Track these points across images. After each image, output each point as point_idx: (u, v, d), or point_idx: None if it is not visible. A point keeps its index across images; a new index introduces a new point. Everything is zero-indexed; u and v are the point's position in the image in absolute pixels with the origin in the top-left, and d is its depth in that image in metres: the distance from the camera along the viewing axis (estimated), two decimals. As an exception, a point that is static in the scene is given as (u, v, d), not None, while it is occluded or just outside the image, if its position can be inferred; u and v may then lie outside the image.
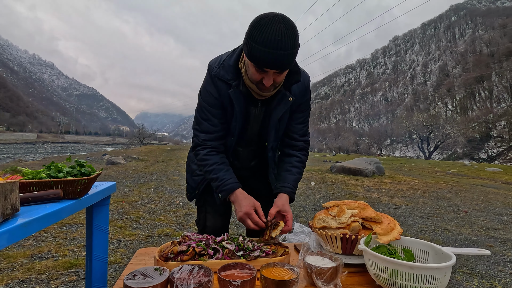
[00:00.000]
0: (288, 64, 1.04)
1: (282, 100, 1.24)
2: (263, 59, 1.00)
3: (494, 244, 3.68)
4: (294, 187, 1.33)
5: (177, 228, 3.68)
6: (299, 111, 1.36)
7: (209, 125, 1.27)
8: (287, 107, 1.26)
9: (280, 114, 1.26)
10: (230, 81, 1.20)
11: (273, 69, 1.03)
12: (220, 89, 1.23)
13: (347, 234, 1.08)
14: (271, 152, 1.38)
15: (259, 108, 1.28)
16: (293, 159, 1.38)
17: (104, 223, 1.31)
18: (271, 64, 1.01)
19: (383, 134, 66.61)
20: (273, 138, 1.33)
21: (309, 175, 9.78)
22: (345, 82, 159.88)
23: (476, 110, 71.06)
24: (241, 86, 1.20)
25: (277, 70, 1.05)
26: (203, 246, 1.05)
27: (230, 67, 1.20)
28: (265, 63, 1.01)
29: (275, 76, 1.08)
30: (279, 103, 1.24)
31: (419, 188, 8.22)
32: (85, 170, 1.06)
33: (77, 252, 2.72)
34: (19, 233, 0.67)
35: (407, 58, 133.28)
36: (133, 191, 5.87)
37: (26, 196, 0.85)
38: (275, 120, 1.27)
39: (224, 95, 1.23)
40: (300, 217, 4.55)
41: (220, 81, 1.22)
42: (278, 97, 1.23)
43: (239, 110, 1.23)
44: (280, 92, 1.22)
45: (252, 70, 1.09)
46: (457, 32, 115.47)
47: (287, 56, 1.00)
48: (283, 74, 1.10)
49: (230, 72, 1.20)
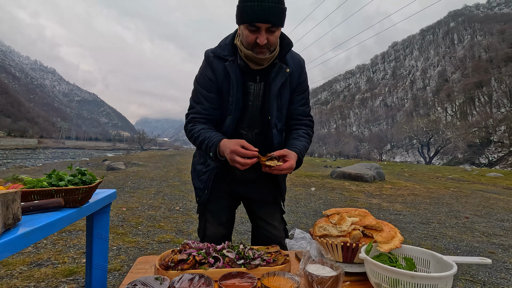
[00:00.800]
0: (276, 17, 1.11)
1: (279, 71, 1.28)
2: (253, 12, 1.08)
3: (496, 250, 3.66)
4: (302, 151, 1.30)
5: (177, 234, 3.66)
6: (299, 91, 1.39)
7: (200, 109, 1.32)
8: (285, 77, 1.29)
9: (278, 84, 1.28)
10: (226, 57, 1.26)
11: (264, 21, 1.10)
12: (216, 69, 1.28)
13: (348, 242, 1.07)
14: (275, 129, 1.34)
15: (258, 84, 1.30)
16: (300, 131, 1.40)
17: (104, 231, 1.31)
18: (261, 15, 1.08)
19: (383, 139, 66.61)
20: (276, 113, 1.32)
21: (309, 181, 9.76)
22: (345, 88, 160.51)
23: (476, 115, 71.16)
24: (238, 60, 1.26)
25: (268, 24, 1.11)
26: (204, 254, 1.05)
27: (227, 46, 1.28)
28: (256, 15, 1.09)
29: (267, 35, 1.13)
30: (277, 75, 1.28)
31: (420, 194, 8.19)
32: (86, 178, 1.07)
33: (76, 259, 2.71)
34: (21, 243, 0.68)
35: (406, 63, 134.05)
36: (133, 197, 5.86)
37: (27, 205, 0.85)
38: (274, 91, 1.28)
39: (220, 73, 1.27)
40: (301, 223, 4.53)
41: (216, 59, 1.28)
42: (275, 70, 1.28)
43: (236, 81, 1.25)
44: (276, 64, 1.28)
45: (246, 33, 1.15)
46: (455, 38, 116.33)
47: (274, 9, 1.09)
48: (275, 34, 1.16)
49: (227, 50, 1.28)
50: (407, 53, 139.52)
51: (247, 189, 1.46)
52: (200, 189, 1.43)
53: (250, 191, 1.46)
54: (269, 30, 1.13)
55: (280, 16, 1.12)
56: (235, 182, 1.45)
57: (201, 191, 1.42)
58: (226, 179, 1.44)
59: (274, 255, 1.13)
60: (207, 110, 1.31)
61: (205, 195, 1.41)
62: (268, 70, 1.27)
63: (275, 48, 1.22)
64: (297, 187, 8.45)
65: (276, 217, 1.48)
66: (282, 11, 1.12)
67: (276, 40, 1.19)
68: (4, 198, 0.65)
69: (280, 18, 1.13)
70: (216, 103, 1.31)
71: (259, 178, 1.45)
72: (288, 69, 1.29)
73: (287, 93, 1.34)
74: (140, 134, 42.11)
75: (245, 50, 1.20)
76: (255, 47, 1.16)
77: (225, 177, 1.43)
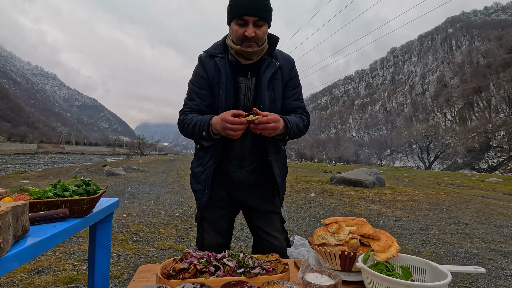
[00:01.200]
0: (262, 12, 1.22)
1: (269, 65, 1.36)
2: (242, 6, 1.20)
3: (495, 257, 3.66)
4: (291, 122, 1.32)
5: (177, 241, 3.67)
6: (291, 86, 1.47)
7: (193, 105, 1.39)
8: (275, 69, 1.36)
9: (269, 75, 1.34)
10: (217, 54, 1.36)
11: (251, 14, 1.21)
12: (207, 65, 1.37)
13: (345, 251, 1.10)
14: None
15: (249, 79, 1.36)
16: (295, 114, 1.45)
17: (107, 240, 1.33)
18: (248, 9, 1.20)
19: (383, 144, 66.64)
20: (268, 103, 1.36)
21: (309, 186, 9.77)
22: (345, 93, 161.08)
23: (475, 120, 71.33)
24: (229, 56, 1.34)
25: (255, 18, 1.22)
26: (205, 263, 1.07)
27: (218, 45, 1.40)
28: (244, 9, 1.20)
29: (255, 29, 1.23)
30: (267, 68, 1.35)
31: (420, 200, 8.20)
32: (90, 188, 1.09)
33: (77, 267, 2.71)
34: (29, 254, 0.70)
35: (405, 69, 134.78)
36: (133, 203, 5.86)
37: (34, 216, 0.87)
38: (265, 82, 1.34)
39: (211, 69, 1.36)
40: (301, 229, 4.53)
41: (207, 58, 1.38)
42: (265, 64, 1.36)
43: (225, 74, 1.32)
44: (266, 59, 1.36)
45: (235, 28, 1.25)
46: (453, 43, 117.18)
47: (260, 4, 1.21)
48: (262, 29, 1.26)
49: (218, 49, 1.38)
50: (405, 58, 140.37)
51: (247, 195, 1.46)
52: (199, 191, 1.42)
53: (250, 196, 1.46)
54: (256, 24, 1.24)
55: (265, 10, 1.23)
56: (233, 186, 1.44)
57: (201, 193, 1.42)
58: (225, 184, 1.44)
59: (273, 264, 1.15)
60: (199, 106, 1.38)
61: (205, 196, 1.40)
62: (259, 65, 1.36)
63: (263, 43, 1.31)
64: (297, 192, 8.46)
65: (277, 227, 1.48)
66: (267, 8, 1.24)
67: (264, 36, 1.29)
68: (15, 211, 0.68)
69: (266, 12, 1.24)
70: (207, 100, 1.38)
71: (258, 183, 1.46)
72: (277, 62, 1.37)
73: (279, 87, 1.41)
74: (140, 139, 42.12)
75: (235, 46, 1.29)
76: (244, 41, 1.26)
77: (224, 181, 1.44)
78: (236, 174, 1.41)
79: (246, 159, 1.40)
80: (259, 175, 1.45)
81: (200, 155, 1.44)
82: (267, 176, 1.45)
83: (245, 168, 1.41)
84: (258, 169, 1.44)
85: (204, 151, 1.41)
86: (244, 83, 1.35)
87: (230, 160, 1.40)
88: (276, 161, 1.42)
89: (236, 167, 1.40)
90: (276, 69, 1.37)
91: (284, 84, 1.43)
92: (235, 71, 1.35)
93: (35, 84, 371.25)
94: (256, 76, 1.36)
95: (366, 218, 5.67)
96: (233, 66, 1.34)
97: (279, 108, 1.42)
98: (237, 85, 1.35)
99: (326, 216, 5.65)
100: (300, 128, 1.39)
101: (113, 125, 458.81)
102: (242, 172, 1.41)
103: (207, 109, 1.38)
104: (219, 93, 1.33)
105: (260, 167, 1.44)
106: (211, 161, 1.37)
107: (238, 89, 1.35)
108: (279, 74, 1.39)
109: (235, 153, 1.39)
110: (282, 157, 1.48)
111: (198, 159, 1.46)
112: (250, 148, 1.39)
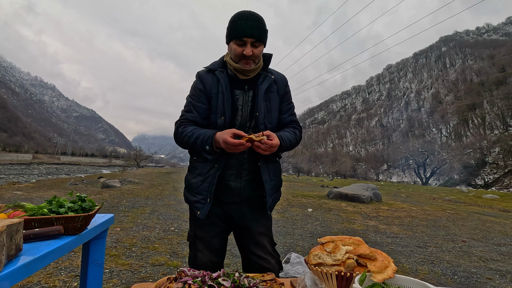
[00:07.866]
0: (259, 34, 1.33)
1: (265, 78, 1.47)
2: (242, 29, 1.30)
3: (493, 276, 3.62)
4: (284, 138, 1.42)
5: (171, 257, 3.60)
6: (286, 102, 1.58)
7: (190, 116, 1.45)
8: (270, 81, 1.47)
9: (265, 86, 1.44)
10: (217, 68, 1.45)
11: (249, 36, 1.31)
12: (205, 79, 1.45)
13: (342, 271, 1.09)
14: (263, 125, 1.44)
15: (246, 92, 1.44)
16: (287, 129, 1.55)
17: (100, 257, 1.31)
18: (246, 30, 1.30)
19: (380, 159, 66.86)
20: (264, 111, 1.44)
21: (306, 201, 9.70)
22: (341, 108, 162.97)
23: (470, 137, 72.12)
24: (228, 71, 1.43)
25: (252, 38, 1.32)
26: (199, 283, 1.05)
27: (217, 62, 1.49)
28: (242, 30, 1.30)
29: (252, 48, 1.34)
30: (263, 80, 1.46)
31: (417, 216, 8.16)
32: (86, 205, 1.09)
33: (67, 283, 2.64)
34: (22, 274, 0.69)
35: (400, 85, 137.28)
36: (127, 216, 5.77)
37: (28, 233, 0.86)
38: (262, 92, 1.43)
39: (209, 82, 1.44)
40: (297, 246, 4.47)
41: (206, 72, 1.47)
42: (261, 77, 1.46)
43: (224, 84, 1.40)
44: (262, 74, 1.47)
45: (234, 47, 1.35)
46: (447, 61, 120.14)
47: (257, 27, 1.32)
48: (259, 49, 1.36)
49: (217, 64, 1.47)
50: (401, 75, 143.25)
51: (240, 212, 1.46)
52: (199, 201, 1.40)
53: (243, 214, 1.46)
54: (253, 44, 1.34)
55: (262, 33, 1.35)
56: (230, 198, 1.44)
57: (201, 203, 1.39)
58: (221, 197, 1.44)
59: (269, 284, 1.14)
60: (195, 118, 1.45)
61: (206, 205, 1.38)
62: (255, 79, 1.46)
63: (259, 61, 1.43)
64: (294, 207, 8.39)
65: (269, 251, 1.47)
66: (263, 30, 1.36)
67: (260, 54, 1.40)
68: (9, 230, 0.67)
69: (262, 34, 1.35)
70: (204, 113, 1.44)
71: (253, 198, 1.47)
72: (273, 76, 1.49)
73: (276, 99, 1.51)
74: (137, 151, 41.89)
75: (233, 63, 1.39)
76: (242, 59, 1.36)
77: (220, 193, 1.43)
78: (234, 184, 1.42)
79: (244, 167, 1.43)
80: (254, 188, 1.46)
81: (199, 165, 1.45)
82: (262, 192, 1.46)
83: (243, 178, 1.44)
84: (254, 181, 1.46)
85: (203, 160, 1.43)
86: (242, 95, 1.44)
87: (229, 168, 1.42)
88: (267, 168, 1.45)
89: (235, 176, 1.43)
90: (272, 82, 1.48)
91: (280, 97, 1.53)
92: (233, 84, 1.44)
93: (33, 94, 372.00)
94: (253, 89, 1.45)
95: (364, 234, 5.62)
96: (231, 80, 1.43)
97: (275, 118, 1.51)
98: (234, 96, 1.43)
99: (323, 232, 5.59)
100: (292, 143, 1.50)
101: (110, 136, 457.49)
102: (241, 182, 1.43)
103: (202, 122, 1.45)
104: (218, 102, 1.40)
105: (257, 179, 1.46)
106: (214, 168, 1.40)
107: (236, 100, 1.43)
108: (274, 87, 1.50)
109: (234, 160, 1.43)
110: (274, 167, 1.52)
111: (195, 169, 1.46)
112: (248, 156, 1.44)
